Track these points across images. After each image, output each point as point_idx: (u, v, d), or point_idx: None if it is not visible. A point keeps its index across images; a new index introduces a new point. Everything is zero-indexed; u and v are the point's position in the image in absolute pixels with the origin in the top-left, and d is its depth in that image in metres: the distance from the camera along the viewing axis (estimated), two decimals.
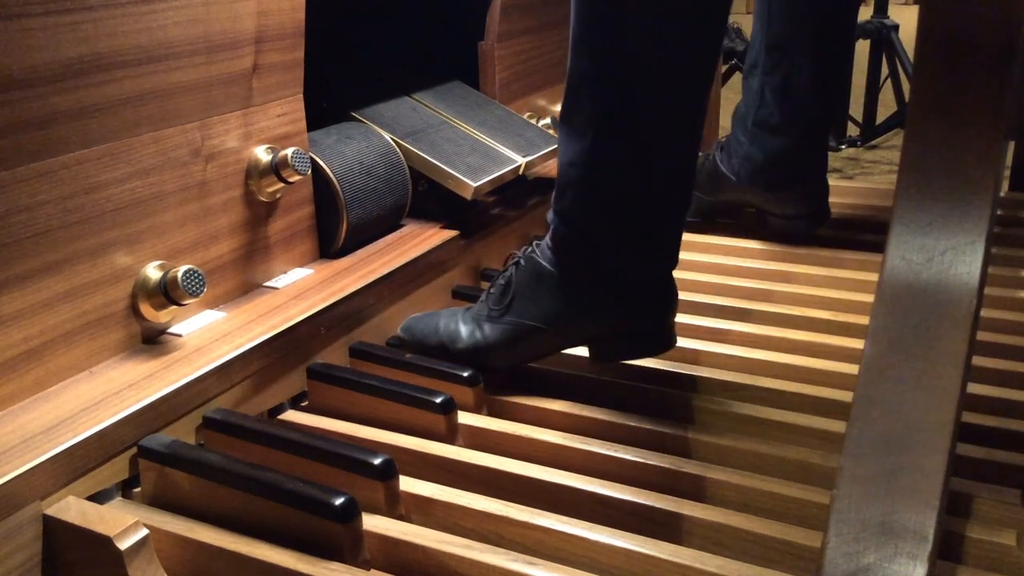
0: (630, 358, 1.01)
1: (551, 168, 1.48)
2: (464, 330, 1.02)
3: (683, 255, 1.02)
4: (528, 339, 0.99)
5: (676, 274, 1.00)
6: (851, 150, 2.71)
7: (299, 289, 1.04)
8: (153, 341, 0.92)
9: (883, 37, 2.58)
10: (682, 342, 1.09)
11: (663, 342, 0.99)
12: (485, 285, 1.25)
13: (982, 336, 1.08)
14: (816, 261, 1.34)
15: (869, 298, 0.98)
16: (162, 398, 0.83)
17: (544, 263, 0.97)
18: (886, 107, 2.65)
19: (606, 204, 0.93)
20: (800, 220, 1.38)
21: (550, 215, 0.98)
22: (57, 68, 0.79)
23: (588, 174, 0.92)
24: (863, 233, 1.42)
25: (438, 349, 1.03)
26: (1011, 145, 1.64)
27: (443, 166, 1.20)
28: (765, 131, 1.33)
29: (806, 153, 1.34)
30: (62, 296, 0.82)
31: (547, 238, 0.99)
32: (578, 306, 0.96)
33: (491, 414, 0.98)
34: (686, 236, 1.39)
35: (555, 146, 1.38)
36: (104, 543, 0.70)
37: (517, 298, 0.99)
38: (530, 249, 1.01)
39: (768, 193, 1.37)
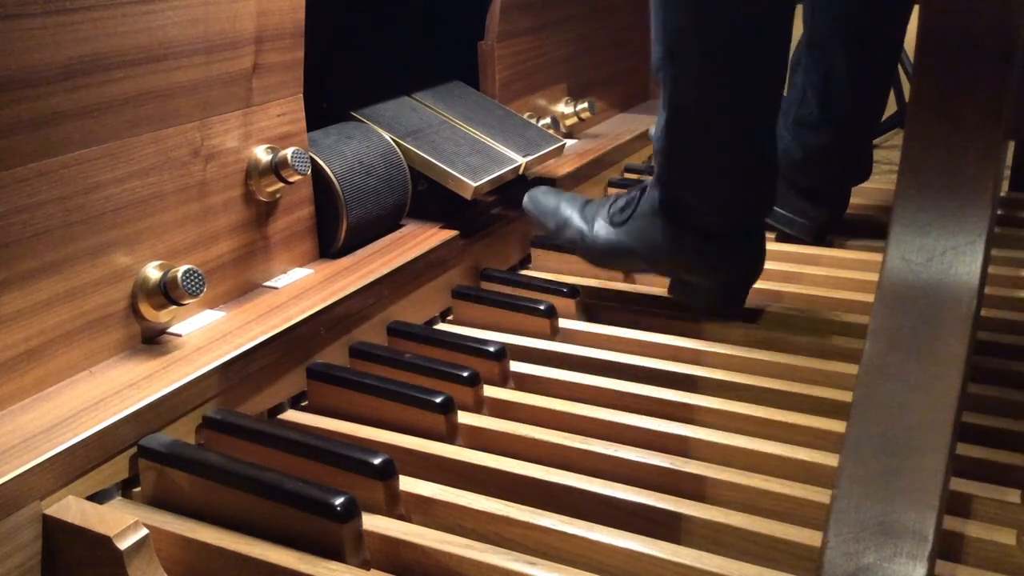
0: (702, 307, 1.14)
1: (551, 168, 1.48)
2: (576, 222, 1.18)
3: None
4: (626, 255, 1.14)
5: None
6: None
7: (299, 289, 1.04)
8: (153, 341, 0.92)
9: None
10: (682, 342, 1.10)
11: (740, 299, 1.12)
12: (486, 285, 1.25)
13: (982, 336, 1.08)
14: (816, 261, 1.33)
15: (869, 298, 0.98)
16: (162, 398, 0.83)
17: (659, 204, 1.10)
18: (886, 107, 2.65)
19: (684, 172, 1.07)
20: (810, 227, 1.38)
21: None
22: (57, 68, 0.79)
23: (667, 146, 1.06)
24: (863, 233, 1.42)
25: (554, 228, 1.21)
26: (1011, 145, 1.64)
27: (443, 166, 1.20)
28: (804, 128, 1.34)
29: (841, 154, 1.35)
30: (62, 296, 0.82)
31: None
32: (677, 252, 1.09)
33: (491, 414, 0.98)
34: None
35: (554, 146, 1.38)
36: (104, 543, 0.70)
37: (635, 220, 1.12)
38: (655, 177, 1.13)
39: (791, 192, 1.37)
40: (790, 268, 1.30)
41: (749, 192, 1.09)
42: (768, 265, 1.31)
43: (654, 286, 1.26)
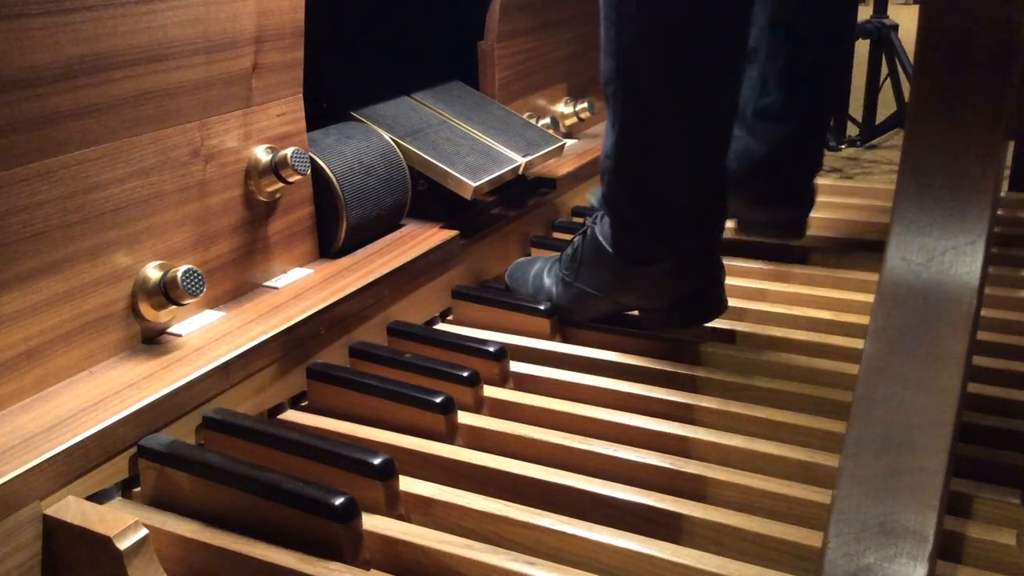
0: (677, 327, 1.11)
1: (551, 168, 1.48)
2: (546, 284, 1.16)
3: None
4: (591, 303, 1.12)
5: None
6: (851, 150, 2.71)
7: (299, 289, 1.04)
8: (153, 341, 0.92)
9: (883, 37, 2.58)
10: (682, 341, 1.10)
11: (709, 313, 1.09)
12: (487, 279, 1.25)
13: (982, 336, 1.08)
14: (816, 261, 1.33)
15: (869, 298, 0.98)
16: (162, 398, 0.83)
17: (601, 239, 1.08)
18: (886, 107, 2.65)
19: (633, 192, 1.04)
20: (776, 228, 1.33)
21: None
22: (57, 68, 0.79)
23: (616, 165, 1.03)
24: (863, 233, 1.42)
25: (533, 295, 1.18)
26: (1011, 145, 1.64)
27: (443, 166, 1.20)
28: (767, 120, 1.29)
29: (806, 145, 1.31)
30: (62, 296, 0.82)
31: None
32: (628, 281, 1.08)
33: (491, 414, 0.98)
34: None
35: (554, 146, 1.38)
36: (104, 543, 0.70)
37: (583, 266, 1.11)
38: (594, 218, 1.12)
39: (753, 196, 1.32)
40: (789, 267, 1.30)
41: (698, 210, 1.04)
42: (767, 264, 1.32)
43: None
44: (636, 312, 1.13)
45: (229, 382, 0.89)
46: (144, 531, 0.72)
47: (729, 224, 1.40)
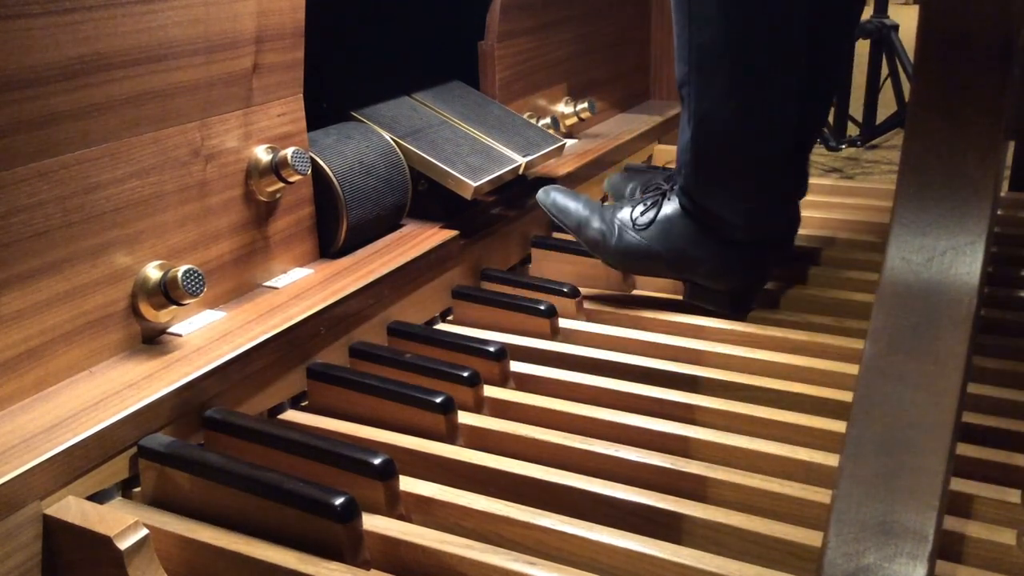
0: (717, 309, 1.16)
1: (551, 168, 1.48)
2: (595, 221, 1.19)
3: None
4: (647, 259, 1.16)
5: None
6: (851, 150, 2.71)
7: (299, 289, 1.04)
8: (153, 341, 0.92)
9: (883, 37, 2.59)
10: (682, 342, 1.10)
11: (748, 306, 1.17)
12: (486, 285, 1.25)
13: (982, 336, 1.08)
14: (816, 261, 1.33)
15: (869, 298, 0.98)
16: (162, 398, 0.83)
17: (682, 204, 1.14)
18: (886, 107, 2.65)
19: (709, 188, 1.11)
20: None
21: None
22: (57, 68, 0.79)
23: (694, 160, 1.10)
24: (863, 233, 1.42)
25: (573, 226, 1.22)
26: (1011, 145, 1.64)
27: (443, 166, 1.20)
28: None
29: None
30: (62, 296, 0.82)
31: None
32: (699, 256, 1.13)
33: (491, 414, 0.98)
34: None
35: (554, 146, 1.38)
36: (104, 543, 0.70)
37: (657, 223, 1.15)
38: (673, 182, 1.17)
39: None
40: (789, 267, 1.30)
41: (775, 202, 1.12)
42: None
43: (647, 289, 1.26)
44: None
45: (229, 382, 0.89)
46: (144, 531, 0.72)
47: None
